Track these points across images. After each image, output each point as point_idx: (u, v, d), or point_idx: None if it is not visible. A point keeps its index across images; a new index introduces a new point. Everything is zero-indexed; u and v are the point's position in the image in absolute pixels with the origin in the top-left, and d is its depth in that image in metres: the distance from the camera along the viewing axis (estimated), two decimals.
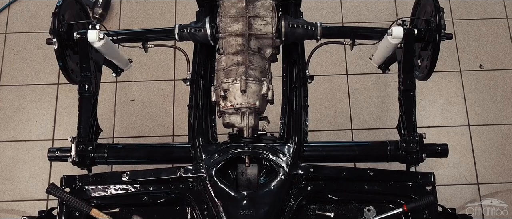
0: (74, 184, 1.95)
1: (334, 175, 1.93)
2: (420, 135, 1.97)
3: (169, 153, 2.10)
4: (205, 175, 1.86)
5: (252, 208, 1.81)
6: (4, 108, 3.37)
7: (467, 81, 3.44)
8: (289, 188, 1.88)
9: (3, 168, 3.21)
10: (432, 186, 1.93)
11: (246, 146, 1.89)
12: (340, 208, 1.97)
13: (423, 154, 1.95)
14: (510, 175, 3.21)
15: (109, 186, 1.95)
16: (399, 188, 1.95)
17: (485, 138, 3.29)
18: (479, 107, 3.37)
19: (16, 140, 3.29)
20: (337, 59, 3.49)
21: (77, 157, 1.96)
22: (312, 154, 1.99)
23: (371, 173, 1.94)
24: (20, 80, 3.45)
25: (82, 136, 1.99)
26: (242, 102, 1.88)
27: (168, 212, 1.97)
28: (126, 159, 2.10)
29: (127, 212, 1.95)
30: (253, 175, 1.92)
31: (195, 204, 1.90)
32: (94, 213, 1.90)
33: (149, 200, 1.95)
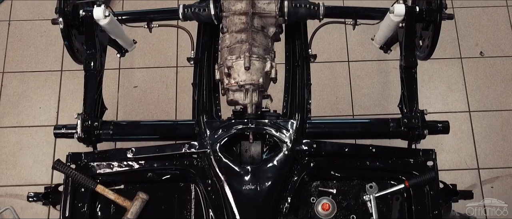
0: (80, 161, 1.98)
1: (336, 151, 1.96)
2: (422, 111, 2.00)
3: (173, 129, 2.12)
4: (209, 150, 1.89)
5: (256, 183, 1.84)
6: (8, 94, 3.41)
7: (468, 68, 3.47)
8: (292, 164, 1.91)
9: (7, 153, 3.25)
10: (434, 163, 1.96)
11: (249, 122, 1.91)
12: (342, 185, 1.99)
13: (425, 130, 1.97)
14: (510, 160, 3.24)
15: (114, 162, 1.98)
16: (401, 164, 1.97)
17: (485, 123, 3.32)
18: (479, 93, 3.40)
19: (20, 125, 3.32)
20: (338, 46, 3.51)
21: (82, 133, 1.98)
22: (315, 130, 2.01)
23: (373, 149, 1.96)
24: (24, 67, 3.49)
25: (88, 113, 2.02)
26: (245, 79, 1.91)
27: (172, 188, 1.99)
28: (131, 136, 2.12)
29: (132, 188, 1.97)
30: (257, 151, 1.95)
31: (199, 180, 1.92)
32: (99, 189, 1.93)
33: (154, 176, 1.98)
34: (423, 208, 1.90)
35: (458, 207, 2.92)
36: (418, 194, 1.92)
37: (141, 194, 1.93)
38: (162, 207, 1.97)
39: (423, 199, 1.91)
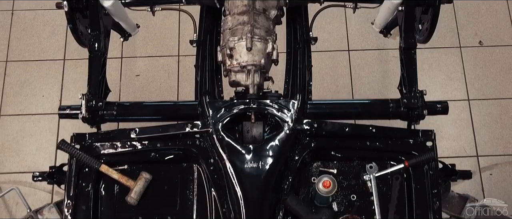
0: (84, 141, 2.01)
1: (337, 131, 1.98)
2: (421, 91, 2.03)
3: (176, 110, 2.15)
4: (212, 129, 1.91)
5: (257, 161, 1.86)
6: (12, 83, 3.44)
7: (467, 57, 3.50)
8: (294, 143, 1.94)
9: (11, 141, 3.28)
10: (433, 143, 1.99)
11: (251, 102, 1.94)
12: (342, 166, 2.03)
13: (424, 110, 2.00)
14: (509, 148, 3.27)
15: (118, 143, 2.00)
16: (401, 145, 2.00)
17: (484, 111, 3.35)
18: (478, 82, 3.43)
19: (24, 113, 3.36)
20: (339, 36, 3.54)
21: (87, 113, 2.01)
22: (316, 111, 2.04)
23: (373, 130, 1.99)
24: (27, 56, 3.52)
25: (92, 93, 2.05)
26: (247, 60, 1.94)
27: (175, 169, 2.02)
28: (134, 116, 2.15)
29: (136, 169, 2.00)
30: (258, 132, 1.97)
31: (202, 159, 1.96)
32: (103, 169, 1.96)
33: (157, 157, 2.01)
34: (422, 188, 1.93)
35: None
36: (417, 173, 1.95)
37: (144, 174, 1.96)
38: (165, 187, 2.00)
39: (422, 179, 1.94)
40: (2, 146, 3.27)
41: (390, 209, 1.94)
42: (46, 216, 2.04)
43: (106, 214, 1.96)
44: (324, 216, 1.88)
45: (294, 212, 1.90)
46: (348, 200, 1.98)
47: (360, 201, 1.98)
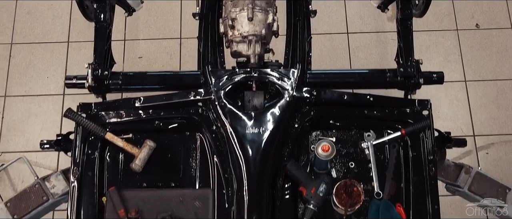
0: (90, 110, 2.06)
1: (336, 99, 2.03)
2: (417, 61, 2.08)
3: (179, 79, 2.20)
4: (214, 97, 1.97)
5: (258, 127, 1.92)
6: (17, 65, 3.50)
7: (464, 39, 3.56)
8: (294, 111, 1.99)
9: (16, 121, 3.34)
10: (429, 112, 2.04)
11: (253, 71, 2.00)
12: (341, 134, 2.08)
13: (420, 79, 2.06)
14: (505, 128, 3.33)
15: (123, 111, 2.05)
16: (397, 113, 2.05)
17: (481, 92, 3.42)
18: (475, 64, 3.49)
19: (28, 94, 3.42)
20: (338, 19, 3.60)
21: (93, 81, 2.07)
22: (315, 80, 2.09)
23: (370, 98, 2.04)
24: (31, 38, 3.58)
25: (98, 63, 2.10)
26: (249, 30, 2.00)
27: (178, 137, 2.07)
28: (139, 86, 2.20)
29: (140, 138, 2.05)
30: (259, 102, 2.01)
31: (205, 127, 2.01)
32: (108, 137, 2.01)
33: (161, 125, 2.06)
34: (418, 155, 1.98)
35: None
36: (414, 141, 2.00)
37: (148, 141, 2.01)
38: (169, 155, 2.05)
39: (418, 146, 1.99)
40: (7, 126, 3.33)
41: (387, 176, 1.98)
42: (53, 183, 2.09)
43: (111, 181, 2.01)
44: (323, 181, 1.93)
45: (294, 178, 1.96)
46: (347, 167, 2.04)
47: (358, 168, 2.03)
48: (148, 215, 1.93)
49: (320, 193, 1.92)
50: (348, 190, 1.92)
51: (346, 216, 1.96)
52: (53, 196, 2.07)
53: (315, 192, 1.92)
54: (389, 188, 1.97)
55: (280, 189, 1.96)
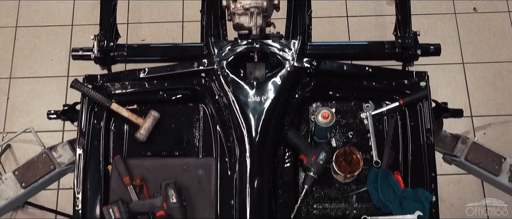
0: (96, 82, 2.10)
1: (335, 69, 2.08)
2: (415, 32, 2.13)
3: (183, 51, 2.25)
4: (217, 67, 2.02)
5: (260, 96, 1.96)
6: (22, 47, 3.56)
7: (462, 23, 3.61)
8: (294, 81, 2.03)
9: (21, 102, 3.40)
10: (426, 83, 2.08)
11: (254, 42, 2.05)
12: (341, 105, 2.13)
13: (418, 50, 2.11)
14: (502, 109, 3.39)
15: (128, 83, 2.10)
16: (396, 85, 2.09)
17: (478, 74, 3.47)
18: (473, 46, 3.54)
19: (33, 76, 3.47)
20: (337, 2, 3.65)
21: (99, 52, 2.11)
22: (315, 52, 2.13)
23: (369, 69, 2.09)
24: (36, 21, 3.64)
25: (103, 34, 2.15)
26: (250, 2, 2.05)
27: (182, 108, 2.12)
28: (143, 57, 2.25)
29: (144, 108, 2.09)
30: (261, 74, 2.05)
31: (208, 97, 2.06)
32: (114, 107, 2.06)
33: (165, 96, 2.10)
34: (416, 124, 2.03)
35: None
36: (411, 111, 2.05)
37: (153, 112, 2.06)
38: (172, 125, 2.10)
39: (416, 116, 2.03)
40: (12, 106, 3.39)
41: (385, 145, 2.02)
42: (60, 153, 2.13)
43: (116, 150, 2.05)
44: (323, 150, 1.97)
45: (294, 146, 2.00)
46: (346, 137, 2.08)
47: (357, 138, 2.08)
48: (153, 183, 1.97)
49: (320, 161, 1.96)
50: (348, 158, 1.96)
51: (346, 183, 2.02)
52: (60, 165, 2.11)
53: (315, 160, 1.96)
54: (388, 157, 2.01)
55: (281, 157, 2.01)
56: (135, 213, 1.92)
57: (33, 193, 2.15)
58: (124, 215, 1.88)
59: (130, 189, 1.96)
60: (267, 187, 1.92)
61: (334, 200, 2.01)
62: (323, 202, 2.00)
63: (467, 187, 3.25)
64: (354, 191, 2.01)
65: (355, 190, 2.01)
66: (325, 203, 2.00)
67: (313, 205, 2.00)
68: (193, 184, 1.99)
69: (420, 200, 1.92)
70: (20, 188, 2.07)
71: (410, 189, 1.96)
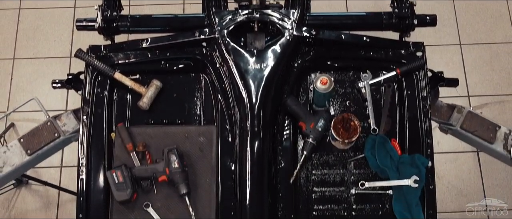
0: (99, 52, 2.15)
1: (334, 39, 2.12)
2: (411, 3, 2.17)
3: (185, 21, 2.28)
4: (218, 35, 2.06)
5: (260, 63, 2.01)
6: (25, 29, 3.60)
7: (459, 5, 3.66)
8: (293, 50, 2.08)
9: (25, 82, 3.45)
10: (423, 53, 2.12)
11: (255, 11, 2.09)
12: (339, 75, 2.17)
13: (414, 20, 2.15)
14: (498, 88, 3.43)
15: (131, 53, 2.14)
16: (393, 55, 2.14)
17: (475, 55, 3.52)
18: (470, 28, 3.59)
19: (36, 57, 3.52)
20: None
21: (102, 22, 2.16)
22: (314, 22, 2.17)
23: (367, 39, 2.14)
24: (39, 4, 3.68)
25: (107, 5, 2.19)
26: None
27: (184, 78, 2.16)
28: (146, 27, 2.28)
29: (147, 78, 2.13)
30: (261, 44, 2.11)
31: (209, 66, 2.10)
32: (117, 76, 2.10)
33: (167, 66, 2.14)
34: (413, 93, 2.07)
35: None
36: (408, 80, 2.09)
37: (155, 81, 2.10)
38: (174, 94, 2.14)
39: (413, 85, 2.08)
40: (16, 86, 3.44)
41: (383, 113, 2.07)
42: (64, 121, 2.17)
43: (119, 119, 2.10)
44: (322, 117, 2.02)
45: (294, 113, 2.04)
46: (344, 106, 2.13)
47: (355, 106, 2.13)
48: (155, 150, 2.02)
49: (319, 128, 2.01)
50: (346, 125, 2.01)
51: (344, 150, 2.07)
52: (64, 133, 2.15)
53: (314, 126, 2.00)
54: (385, 124, 2.05)
55: (281, 124, 2.06)
56: (138, 178, 1.96)
57: (38, 160, 2.19)
58: (127, 179, 1.92)
59: (133, 155, 2.00)
60: (267, 151, 1.96)
61: (333, 166, 2.05)
62: (321, 169, 2.05)
63: (464, 164, 3.30)
64: (352, 158, 2.05)
65: (353, 157, 2.05)
66: (324, 169, 2.05)
67: (312, 171, 2.05)
68: (195, 151, 2.03)
69: (416, 165, 1.96)
70: (25, 155, 2.11)
71: (406, 155, 2.00)
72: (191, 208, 1.92)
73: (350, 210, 2.00)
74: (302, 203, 2.01)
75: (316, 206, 2.01)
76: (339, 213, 2.00)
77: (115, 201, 1.95)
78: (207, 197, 1.97)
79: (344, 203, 2.01)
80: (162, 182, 1.96)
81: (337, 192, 2.03)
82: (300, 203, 2.01)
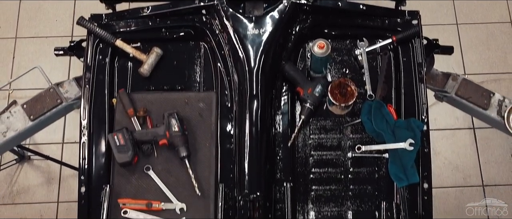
0: (101, 20, 2.19)
1: (330, 6, 2.16)
2: None
3: None
4: (217, 2, 2.10)
5: (259, 28, 2.04)
6: (26, 8, 3.64)
7: None
8: (291, 16, 2.10)
9: (27, 61, 3.48)
10: (418, 22, 2.16)
11: None
12: (336, 44, 2.21)
13: None
14: (494, 67, 3.47)
15: (132, 21, 2.18)
16: (389, 23, 2.18)
17: (472, 35, 3.55)
18: (466, 8, 3.62)
19: (38, 36, 3.56)
20: None
21: None
22: None
23: (363, 8, 2.17)
24: None
25: None
26: None
27: (183, 46, 2.20)
28: None
29: (148, 46, 2.17)
30: (259, 11, 2.12)
31: (209, 34, 2.14)
32: (118, 44, 2.14)
33: (167, 34, 2.18)
34: (408, 60, 2.11)
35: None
36: (404, 48, 2.14)
37: (156, 48, 2.14)
38: (175, 62, 2.18)
39: (408, 52, 2.12)
40: (18, 65, 3.48)
41: (379, 80, 2.11)
42: (67, 88, 2.20)
43: (120, 85, 2.14)
44: (319, 83, 2.06)
45: (291, 79, 2.09)
46: (341, 73, 2.17)
47: (352, 73, 2.17)
48: (156, 115, 2.06)
49: (316, 93, 2.05)
50: (342, 90, 2.05)
51: (341, 115, 2.11)
52: (67, 100, 2.19)
53: (312, 92, 2.05)
54: (381, 90, 2.09)
55: (279, 90, 2.10)
56: (139, 142, 2.00)
57: (41, 126, 2.22)
58: (128, 142, 1.95)
59: (134, 120, 2.04)
60: (265, 113, 1.99)
61: (330, 131, 2.10)
62: (319, 134, 2.09)
63: (460, 141, 3.34)
64: (349, 123, 2.09)
65: (350, 122, 2.09)
66: (321, 134, 2.09)
67: (310, 136, 2.09)
68: (195, 116, 2.07)
69: (412, 128, 2.00)
70: (28, 121, 2.15)
71: (402, 119, 2.04)
72: (191, 170, 1.96)
73: (347, 173, 2.04)
74: (300, 166, 2.05)
75: (313, 169, 2.05)
76: (336, 176, 2.04)
77: (116, 164, 1.99)
78: (206, 160, 2.01)
79: (341, 167, 2.05)
80: (162, 146, 2.00)
81: (334, 156, 2.07)
82: (298, 166, 2.05)
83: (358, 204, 2.01)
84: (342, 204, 2.01)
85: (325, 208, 2.01)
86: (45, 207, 3.26)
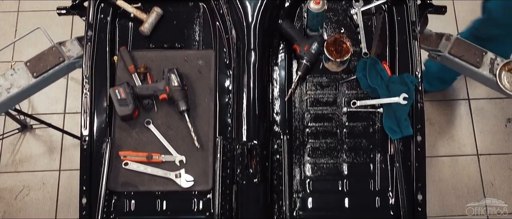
0: None
1: None
2: None
3: None
4: None
5: None
6: None
7: None
8: None
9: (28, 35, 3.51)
10: None
11: None
12: (332, 4, 2.25)
13: None
14: None
15: None
16: None
17: (467, 9, 3.59)
18: None
19: (40, 10, 3.60)
20: None
21: None
22: None
23: None
24: None
25: None
26: None
27: (183, 6, 2.25)
28: None
29: (148, 6, 2.21)
30: None
31: None
32: (119, 3, 2.19)
33: None
34: (402, 19, 2.16)
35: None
36: (398, 8, 2.18)
37: (156, 8, 2.18)
38: (174, 22, 2.23)
39: (402, 11, 2.17)
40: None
41: (374, 38, 2.15)
42: (69, 47, 2.24)
43: (121, 44, 2.19)
44: (315, 40, 2.12)
45: (288, 36, 2.13)
46: (337, 32, 2.20)
47: (347, 33, 2.21)
48: (156, 72, 2.11)
49: (313, 50, 2.10)
50: (338, 47, 2.10)
51: (337, 72, 2.16)
52: (69, 58, 2.23)
53: (308, 49, 2.10)
54: (376, 48, 2.14)
55: (276, 47, 2.15)
56: (140, 96, 2.05)
57: (44, 84, 2.26)
58: (129, 95, 2.01)
59: (135, 76, 2.09)
60: (262, 66, 2.04)
61: (326, 87, 2.14)
62: (315, 90, 2.14)
63: (456, 111, 3.38)
64: (344, 79, 2.15)
65: (345, 78, 2.15)
66: (317, 90, 2.14)
67: (306, 92, 2.14)
68: (194, 73, 2.12)
69: (405, 83, 2.05)
70: (31, 78, 2.20)
71: (396, 75, 2.09)
72: (190, 124, 2.01)
73: (342, 127, 2.09)
74: (297, 121, 2.10)
75: (310, 123, 2.10)
76: (332, 130, 2.09)
77: (117, 118, 2.04)
78: (205, 115, 2.07)
79: (337, 121, 2.10)
80: (162, 101, 2.05)
81: (330, 111, 2.12)
82: (295, 121, 2.10)
83: (353, 157, 2.06)
84: (337, 157, 2.06)
85: (321, 160, 2.06)
86: (47, 175, 3.31)
